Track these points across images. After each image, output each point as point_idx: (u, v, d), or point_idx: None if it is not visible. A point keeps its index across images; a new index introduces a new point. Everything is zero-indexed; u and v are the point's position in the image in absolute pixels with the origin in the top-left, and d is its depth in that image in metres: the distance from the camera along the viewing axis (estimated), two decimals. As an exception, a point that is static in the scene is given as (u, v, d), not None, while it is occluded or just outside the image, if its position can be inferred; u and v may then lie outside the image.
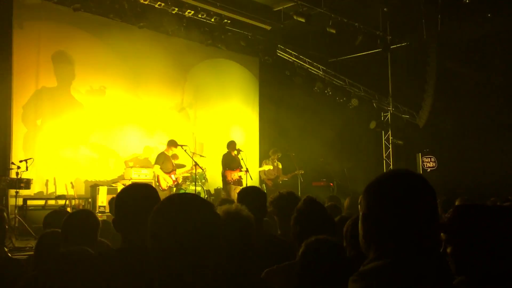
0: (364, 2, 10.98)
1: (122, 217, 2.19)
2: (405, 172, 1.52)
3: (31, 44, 9.61)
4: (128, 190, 2.30)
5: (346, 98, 13.28)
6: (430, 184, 1.49)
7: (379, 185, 1.51)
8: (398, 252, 1.41)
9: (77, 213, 3.27)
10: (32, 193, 8.96)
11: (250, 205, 3.15)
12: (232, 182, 10.10)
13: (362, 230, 1.51)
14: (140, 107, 11.17)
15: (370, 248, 1.48)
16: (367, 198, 1.52)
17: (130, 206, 2.18)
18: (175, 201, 1.55)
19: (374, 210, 1.48)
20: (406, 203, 1.43)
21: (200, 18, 10.64)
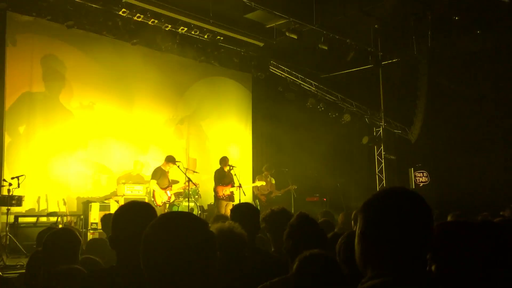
0: (355, 19, 11.11)
1: (118, 235, 2.17)
2: (401, 190, 1.52)
3: (24, 61, 9.62)
4: (126, 208, 2.29)
5: (339, 113, 13.36)
6: (425, 201, 1.49)
7: (376, 203, 1.51)
8: (396, 270, 1.41)
9: (57, 232, 3.23)
10: (23, 210, 8.89)
11: (243, 222, 3.16)
12: (223, 197, 10.09)
13: (359, 248, 1.51)
14: (133, 123, 11.17)
15: (367, 266, 1.47)
16: (363, 216, 1.52)
17: (127, 224, 2.16)
18: (168, 220, 1.50)
19: (371, 229, 1.48)
20: (404, 222, 1.44)
21: (193, 34, 10.72)
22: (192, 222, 1.49)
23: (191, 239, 1.42)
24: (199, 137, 12.51)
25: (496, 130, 11.59)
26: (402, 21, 11.25)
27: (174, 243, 1.41)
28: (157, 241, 1.43)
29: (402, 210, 1.45)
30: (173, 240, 1.41)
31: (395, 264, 1.41)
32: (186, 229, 1.45)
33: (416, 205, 1.48)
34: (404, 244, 1.42)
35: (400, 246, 1.42)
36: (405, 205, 1.47)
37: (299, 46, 11.94)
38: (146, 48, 11.05)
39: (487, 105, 11.79)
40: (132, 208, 2.27)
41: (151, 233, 1.45)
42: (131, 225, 2.12)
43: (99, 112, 10.61)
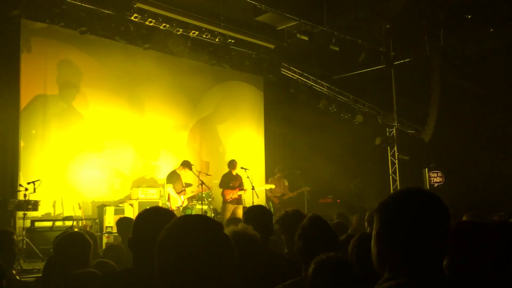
0: (366, 19, 11.07)
1: (138, 237, 2.22)
2: (418, 190, 1.51)
3: (38, 67, 9.76)
4: (149, 212, 2.34)
5: (351, 114, 13.32)
6: (442, 201, 1.48)
7: (393, 204, 1.49)
8: (412, 271, 1.40)
9: (68, 236, 3.27)
10: (39, 214, 8.99)
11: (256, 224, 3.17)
12: (230, 201, 10.10)
13: (375, 250, 1.49)
14: (146, 127, 11.25)
15: (384, 267, 1.46)
16: (380, 217, 1.50)
17: (148, 227, 2.18)
18: (183, 223, 1.49)
19: (388, 230, 1.47)
20: (420, 222, 1.42)
21: (205, 38, 10.77)
22: (207, 225, 1.47)
23: (205, 242, 1.40)
24: (211, 140, 12.56)
25: (511, 128, 11.45)
26: (414, 21, 11.19)
27: (188, 246, 1.39)
28: (171, 244, 1.42)
29: (418, 210, 1.44)
30: (188, 243, 1.40)
31: (412, 265, 1.40)
32: (201, 232, 1.43)
33: (433, 205, 1.46)
34: (421, 245, 1.41)
35: (417, 247, 1.41)
36: (422, 206, 1.45)
37: (310, 47, 11.95)
38: (158, 53, 11.13)
39: (501, 104, 11.66)
40: (154, 213, 2.31)
41: (166, 237, 1.45)
42: (152, 229, 2.15)
43: (112, 116, 10.71)
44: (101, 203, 9.84)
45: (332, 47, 11.20)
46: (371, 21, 11.29)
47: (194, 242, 1.40)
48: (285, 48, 12.28)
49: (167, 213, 2.29)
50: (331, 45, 11.18)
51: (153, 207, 2.42)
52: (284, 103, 13.46)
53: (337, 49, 11.23)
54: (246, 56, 12.24)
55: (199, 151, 12.18)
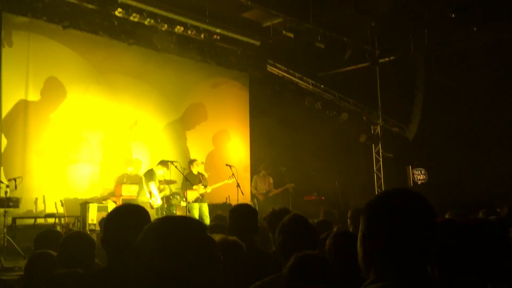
0: (351, 17, 11.12)
1: (110, 236, 2.19)
2: (404, 191, 1.49)
3: (20, 62, 9.58)
4: (119, 210, 2.31)
5: (336, 112, 13.36)
6: (428, 202, 1.46)
7: (378, 204, 1.48)
8: (399, 273, 1.38)
9: (73, 236, 3.29)
10: (21, 212, 8.86)
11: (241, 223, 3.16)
12: (194, 201, 9.92)
13: (361, 251, 1.47)
14: (129, 123, 11.14)
15: (370, 269, 1.45)
16: (366, 217, 1.48)
17: (120, 226, 2.18)
18: (163, 224, 1.41)
19: (374, 231, 1.45)
20: (408, 224, 1.41)
21: (190, 34, 10.69)
22: (188, 227, 1.40)
23: (186, 245, 1.34)
24: (196, 137, 12.49)
25: (494, 127, 11.61)
26: (399, 19, 11.27)
27: (166, 249, 1.32)
28: (149, 246, 1.35)
29: (405, 211, 1.42)
30: (166, 245, 1.33)
31: (398, 267, 1.39)
32: (181, 234, 1.36)
33: (419, 206, 1.45)
34: (407, 247, 1.40)
35: (403, 248, 1.40)
36: (408, 207, 1.44)
37: (296, 44, 11.96)
38: (143, 49, 11.03)
39: (485, 102, 11.80)
40: (125, 210, 2.29)
41: (144, 237, 1.38)
42: (123, 227, 2.14)
43: (95, 112, 10.58)
44: (84, 200, 9.72)
45: (317, 45, 11.23)
46: (356, 19, 11.34)
47: (173, 243, 1.33)
48: (270, 45, 12.27)
49: (137, 210, 2.25)
50: (316, 43, 11.20)
51: (122, 205, 2.41)
52: (269, 100, 13.44)
53: (323, 46, 11.25)
54: (231, 52, 12.20)
55: (184, 148, 12.11)
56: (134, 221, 2.13)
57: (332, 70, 13.87)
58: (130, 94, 11.21)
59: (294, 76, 13.38)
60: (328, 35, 11.26)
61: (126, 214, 2.23)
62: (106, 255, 2.20)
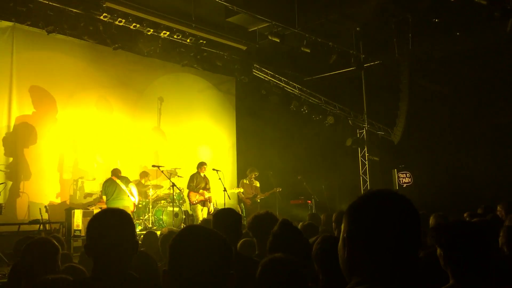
0: (337, 22, 11.20)
1: (94, 243, 2.16)
2: (387, 193, 1.45)
3: (3, 69, 9.47)
4: (99, 216, 2.27)
5: (322, 116, 13.42)
6: (413, 204, 1.44)
7: (361, 206, 1.44)
8: (381, 277, 1.36)
9: (34, 242, 3.18)
10: (5, 218, 8.74)
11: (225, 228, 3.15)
12: (197, 202, 10.09)
13: (343, 254, 1.44)
14: (114, 127, 11.07)
15: (352, 272, 1.42)
16: (348, 220, 1.45)
17: (102, 231, 2.15)
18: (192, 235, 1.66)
19: (356, 233, 1.41)
20: (390, 225, 1.38)
21: (176, 39, 10.68)
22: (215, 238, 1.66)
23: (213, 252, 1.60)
24: (183, 141, 12.45)
25: (478, 129, 11.76)
26: (383, 24, 11.38)
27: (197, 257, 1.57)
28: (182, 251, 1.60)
29: (388, 213, 1.39)
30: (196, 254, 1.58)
31: (381, 270, 1.36)
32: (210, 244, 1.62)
33: (402, 208, 1.42)
34: (391, 249, 1.37)
35: (386, 251, 1.37)
36: (391, 208, 1.41)
37: (282, 49, 12.00)
38: (128, 53, 10.99)
39: (469, 105, 11.95)
40: (105, 216, 2.26)
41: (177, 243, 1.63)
42: (106, 232, 2.11)
43: (80, 117, 10.50)
44: (69, 206, 9.63)
45: (303, 49, 11.28)
46: (341, 24, 11.43)
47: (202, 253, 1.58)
48: (256, 49, 12.30)
49: (118, 214, 2.23)
50: (302, 47, 11.25)
51: (104, 210, 2.37)
52: (256, 104, 13.47)
53: (308, 51, 11.31)
54: (218, 57, 12.19)
55: (170, 153, 12.05)
56: (115, 226, 2.12)
57: (318, 75, 13.95)
58: (116, 98, 11.15)
59: (280, 81, 13.42)
60: (313, 40, 11.32)
61: (107, 219, 2.21)
62: (93, 261, 2.16)
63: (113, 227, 2.12)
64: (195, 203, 10.05)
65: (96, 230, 2.17)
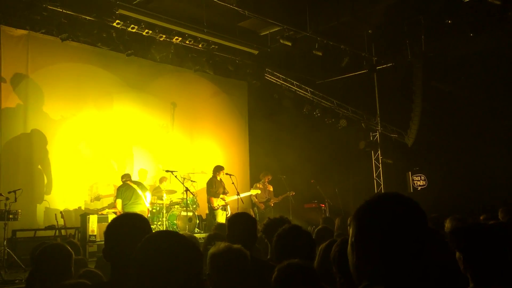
0: (348, 25, 11.16)
1: (112, 247, 2.17)
2: (394, 196, 1.46)
3: (19, 76, 9.60)
4: (119, 220, 2.29)
5: (335, 119, 13.39)
6: (420, 206, 1.44)
7: (369, 210, 1.45)
8: (389, 280, 1.36)
9: (47, 248, 3.21)
10: (21, 224, 8.83)
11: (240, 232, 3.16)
12: (218, 207, 10.03)
13: (352, 258, 1.45)
14: (129, 133, 11.16)
15: (361, 276, 1.42)
16: (356, 224, 1.46)
17: (121, 236, 2.16)
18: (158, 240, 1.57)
19: (364, 236, 1.43)
20: (397, 228, 1.38)
21: (188, 44, 10.74)
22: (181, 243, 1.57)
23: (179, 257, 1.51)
24: (196, 146, 12.50)
25: (492, 131, 11.62)
26: (395, 26, 11.32)
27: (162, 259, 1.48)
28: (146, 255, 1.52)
29: (395, 216, 1.40)
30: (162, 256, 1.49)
31: (389, 273, 1.37)
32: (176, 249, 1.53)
33: (410, 211, 1.42)
34: (398, 252, 1.37)
35: (394, 254, 1.37)
36: (399, 211, 1.41)
37: (293, 53, 11.99)
38: (141, 59, 11.08)
39: (483, 107, 11.82)
40: (124, 220, 2.27)
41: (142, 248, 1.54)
42: (125, 237, 2.12)
43: (94, 123, 10.60)
44: (84, 211, 9.71)
45: (315, 52, 11.26)
46: (353, 27, 11.39)
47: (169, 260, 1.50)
48: (268, 53, 12.32)
49: (137, 219, 2.25)
50: (314, 50, 11.24)
51: (121, 215, 2.39)
52: (268, 108, 13.48)
53: (320, 54, 11.29)
54: (229, 61, 12.24)
55: (183, 158, 12.10)
56: (134, 230, 2.13)
57: (330, 78, 13.91)
58: (129, 104, 11.24)
59: (292, 84, 13.42)
60: (325, 43, 11.30)
61: (126, 223, 2.22)
62: (111, 266, 2.18)
63: (131, 231, 2.13)
64: (217, 208, 10.02)
65: (115, 234, 2.19)
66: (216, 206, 10.00)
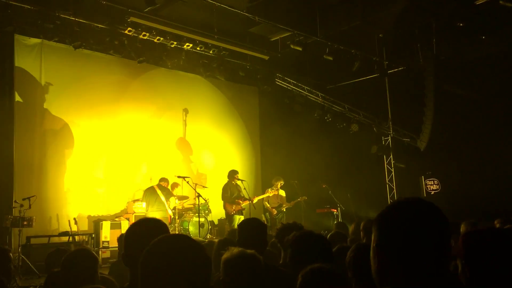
0: (359, 29, 11.13)
1: (131, 252, 2.16)
2: (416, 201, 1.47)
3: (33, 84, 9.74)
4: (138, 225, 2.30)
5: (346, 123, 13.34)
6: (442, 212, 1.45)
7: (391, 215, 1.46)
8: (415, 283, 1.37)
9: (75, 253, 3.23)
10: (35, 230, 8.92)
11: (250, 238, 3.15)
12: (234, 212, 10.04)
13: (375, 263, 1.45)
14: (142, 140, 11.23)
15: (384, 281, 1.42)
16: (379, 229, 1.46)
17: (139, 241, 2.15)
18: (165, 244, 1.57)
19: (387, 242, 1.43)
20: (420, 233, 1.39)
21: (199, 50, 10.80)
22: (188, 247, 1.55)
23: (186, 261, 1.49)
24: (208, 152, 12.54)
25: (506, 134, 11.48)
26: (407, 29, 11.26)
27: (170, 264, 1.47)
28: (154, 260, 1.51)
29: (417, 221, 1.41)
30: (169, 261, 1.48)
31: (412, 278, 1.37)
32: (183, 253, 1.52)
33: (432, 216, 1.43)
34: (421, 257, 1.38)
35: (417, 259, 1.38)
36: (421, 217, 1.42)
37: (304, 58, 12.00)
38: (153, 66, 11.17)
39: (496, 110, 11.70)
40: (144, 225, 2.27)
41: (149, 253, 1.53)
42: (144, 242, 2.12)
43: (107, 129, 10.69)
44: (97, 217, 9.78)
45: (326, 57, 11.26)
46: (364, 31, 11.35)
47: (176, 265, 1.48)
48: (279, 58, 12.33)
49: (156, 224, 2.24)
50: (325, 55, 11.23)
51: (141, 220, 2.38)
52: (279, 113, 13.49)
53: (331, 58, 11.28)
54: (240, 67, 12.28)
55: (195, 163, 12.14)
56: (154, 235, 2.13)
57: (341, 82, 13.88)
58: (141, 111, 11.32)
59: (303, 89, 13.41)
60: (336, 47, 11.29)
61: (145, 228, 2.22)
62: (130, 272, 2.17)
63: (150, 236, 2.13)
64: (233, 213, 10.03)
65: (134, 239, 2.18)
66: (231, 211, 10.00)
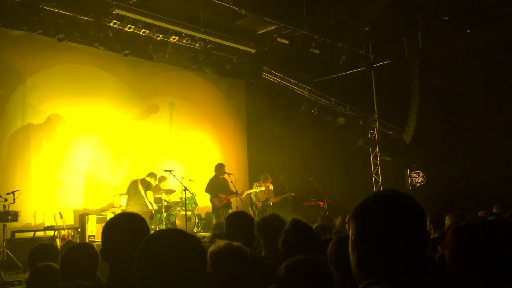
0: (345, 23, 11.16)
1: (109, 248, 2.15)
2: (391, 193, 1.47)
3: (16, 77, 9.60)
4: (115, 220, 2.26)
5: (333, 117, 13.40)
6: (418, 202, 1.45)
7: (367, 208, 1.46)
8: (391, 276, 1.37)
9: (76, 247, 3.18)
10: (20, 225, 8.84)
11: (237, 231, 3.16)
12: (221, 207, 10.05)
13: (353, 256, 1.46)
14: (126, 133, 11.16)
15: (362, 273, 1.43)
16: (355, 222, 1.47)
17: (118, 236, 2.14)
18: (161, 239, 1.55)
19: (363, 235, 1.43)
20: (396, 225, 1.39)
21: (185, 43, 10.73)
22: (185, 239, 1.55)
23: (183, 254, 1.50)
24: (194, 145, 12.50)
25: (491, 127, 11.64)
26: (392, 23, 11.32)
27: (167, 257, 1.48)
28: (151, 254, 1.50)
29: (393, 214, 1.41)
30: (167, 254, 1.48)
31: (390, 270, 1.38)
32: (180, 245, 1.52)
33: (408, 207, 1.43)
34: (398, 249, 1.38)
35: (394, 251, 1.38)
36: (397, 209, 1.42)
37: (291, 51, 11.99)
38: (138, 59, 11.07)
39: (481, 103, 11.84)
40: (121, 220, 2.25)
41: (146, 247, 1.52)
42: (122, 236, 2.11)
43: (92, 123, 10.60)
44: (83, 211, 9.71)
45: (312, 50, 11.27)
46: (350, 24, 11.38)
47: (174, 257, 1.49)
48: (265, 52, 12.31)
49: (134, 218, 2.22)
50: (311, 49, 11.24)
51: (118, 214, 2.36)
52: (266, 107, 13.47)
53: (318, 52, 11.30)
54: (227, 60, 12.24)
55: (182, 157, 12.10)
56: (131, 229, 2.11)
57: (327, 76, 13.93)
58: (127, 104, 11.24)
59: (289, 83, 13.42)
60: (322, 41, 11.31)
61: (123, 223, 2.20)
62: (109, 267, 2.16)
63: (128, 231, 2.12)
64: (219, 207, 10.03)
65: (111, 235, 2.17)
66: (217, 205, 10.02)
